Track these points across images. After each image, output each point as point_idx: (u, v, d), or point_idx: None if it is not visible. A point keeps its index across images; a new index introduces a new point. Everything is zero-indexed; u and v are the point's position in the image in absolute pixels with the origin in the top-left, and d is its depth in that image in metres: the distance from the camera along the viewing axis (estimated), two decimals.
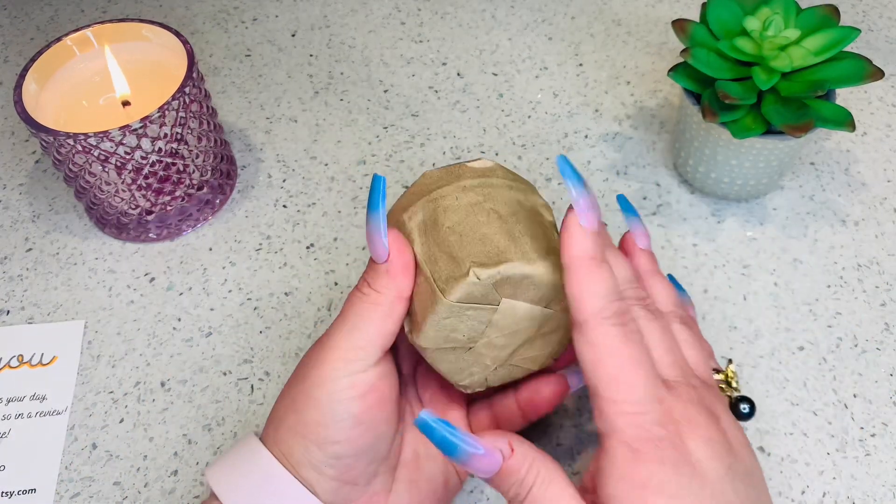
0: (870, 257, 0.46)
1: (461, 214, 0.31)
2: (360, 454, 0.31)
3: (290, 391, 0.31)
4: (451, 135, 0.54)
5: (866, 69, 0.42)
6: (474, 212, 0.31)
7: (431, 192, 0.32)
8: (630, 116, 0.54)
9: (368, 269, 0.31)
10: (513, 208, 0.31)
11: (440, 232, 0.31)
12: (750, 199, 0.49)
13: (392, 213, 0.34)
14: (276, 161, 0.53)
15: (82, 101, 0.46)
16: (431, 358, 0.32)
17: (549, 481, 0.27)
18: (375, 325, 0.30)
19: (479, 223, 0.30)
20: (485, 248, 0.30)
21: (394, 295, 0.30)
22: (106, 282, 0.47)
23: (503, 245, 0.30)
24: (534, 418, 0.35)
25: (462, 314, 0.30)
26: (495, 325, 0.31)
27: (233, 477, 0.31)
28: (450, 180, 0.32)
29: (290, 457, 0.30)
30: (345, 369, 0.30)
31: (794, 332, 0.43)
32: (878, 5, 0.62)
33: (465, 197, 0.31)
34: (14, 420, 0.41)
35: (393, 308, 0.30)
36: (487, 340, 0.31)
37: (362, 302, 0.30)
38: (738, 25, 0.44)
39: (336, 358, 0.30)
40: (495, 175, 0.33)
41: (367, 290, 0.30)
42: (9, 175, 0.53)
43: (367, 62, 0.59)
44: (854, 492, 0.38)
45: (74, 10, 0.64)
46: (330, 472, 0.30)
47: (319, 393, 0.30)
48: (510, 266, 0.29)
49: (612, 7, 0.62)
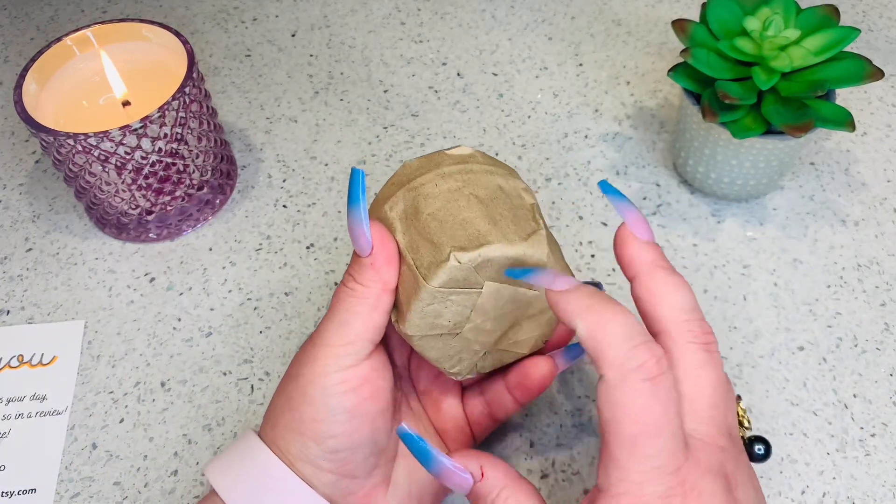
0: (870, 257, 0.46)
1: (441, 201, 0.31)
2: (358, 447, 0.31)
3: (284, 389, 0.32)
4: (451, 135, 0.54)
5: (866, 69, 0.42)
6: (454, 198, 0.31)
7: (411, 180, 0.32)
8: (630, 116, 0.54)
9: (353, 263, 0.31)
10: (493, 193, 0.31)
11: (421, 219, 0.31)
12: (750, 199, 0.49)
13: (374, 205, 0.34)
14: (276, 161, 0.53)
15: (82, 101, 0.46)
16: (419, 346, 0.32)
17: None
18: (363, 318, 0.30)
19: (460, 208, 0.31)
20: (465, 233, 0.30)
21: (379, 287, 0.30)
22: (106, 282, 0.47)
23: (484, 228, 0.30)
24: (525, 402, 0.35)
25: (446, 300, 0.30)
26: (480, 309, 0.31)
27: (232, 473, 0.31)
28: (429, 168, 0.32)
29: (288, 453, 0.31)
30: (336, 364, 0.30)
31: (794, 332, 0.43)
32: (878, 5, 0.62)
33: (444, 184, 0.31)
34: (14, 420, 0.41)
35: (379, 300, 0.30)
36: (474, 325, 0.31)
37: (349, 297, 0.30)
38: (738, 25, 0.44)
39: (327, 354, 0.30)
40: (475, 161, 0.33)
41: (352, 284, 0.30)
42: (9, 175, 0.53)
43: (367, 62, 0.59)
44: (854, 492, 0.38)
45: (74, 10, 0.64)
46: (328, 465, 0.30)
47: (313, 390, 0.30)
48: (491, 248, 0.29)
49: (612, 7, 0.62)
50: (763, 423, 0.40)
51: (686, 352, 0.27)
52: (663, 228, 0.48)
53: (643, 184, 0.50)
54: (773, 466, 0.39)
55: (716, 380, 0.27)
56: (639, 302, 0.29)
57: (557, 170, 0.51)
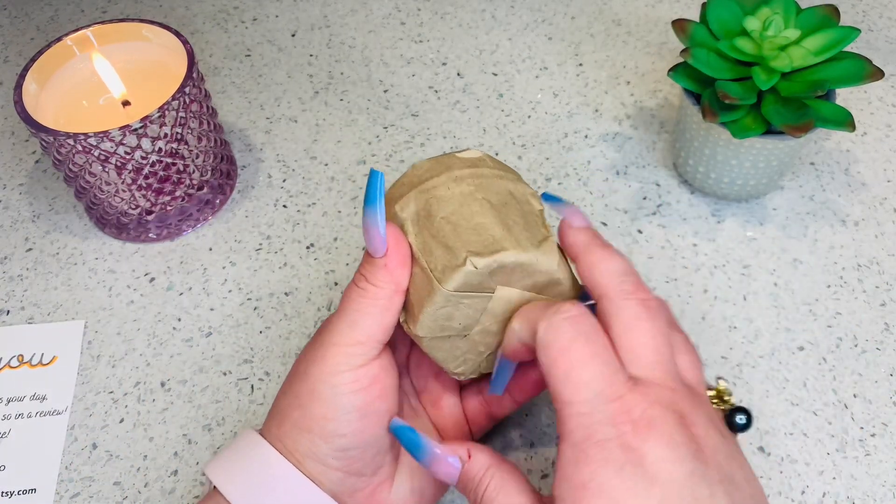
0: (870, 257, 0.46)
1: (455, 204, 0.31)
2: (366, 446, 0.31)
3: (291, 387, 0.32)
4: (451, 135, 0.54)
5: (866, 69, 0.42)
6: (467, 202, 0.31)
7: (423, 182, 0.32)
8: (630, 116, 0.54)
9: (365, 262, 0.31)
10: (504, 198, 0.32)
11: (434, 222, 0.31)
12: (750, 199, 0.49)
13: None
14: (276, 161, 0.53)
15: (82, 101, 0.46)
16: (427, 346, 0.32)
17: (501, 485, 0.28)
18: (375, 319, 0.30)
19: (473, 213, 0.31)
20: (480, 238, 0.30)
21: (392, 289, 0.30)
22: (106, 282, 0.47)
23: (498, 234, 0.30)
24: (523, 401, 0.36)
25: (458, 303, 0.30)
26: (490, 312, 0.31)
27: (234, 471, 0.31)
28: (440, 171, 0.33)
29: (295, 451, 0.31)
30: (347, 363, 0.30)
31: (794, 332, 0.43)
32: (878, 5, 0.62)
33: (457, 187, 0.32)
34: (14, 420, 0.41)
35: (391, 302, 0.30)
36: (482, 328, 0.32)
37: (361, 297, 0.31)
38: (738, 25, 0.44)
39: (337, 353, 0.30)
40: (485, 165, 0.33)
41: (364, 284, 0.31)
42: (9, 175, 0.53)
43: (367, 62, 0.59)
44: (854, 492, 0.38)
45: (74, 10, 0.64)
46: (336, 464, 0.31)
47: (323, 388, 0.30)
48: (506, 255, 0.30)
49: (612, 7, 0.62)
50: (763, 423, 0.40)
51: (622, 308, 0.29)
52: (663, 228, 0.48)
53: (643, 184, 0.50)
54: (773, 466, 0.39)
55: (653, 329, 0.28)
56: (583, 279, 0.31)
57: (557, 170, 0.51)
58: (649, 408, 0.26)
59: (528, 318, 0.29)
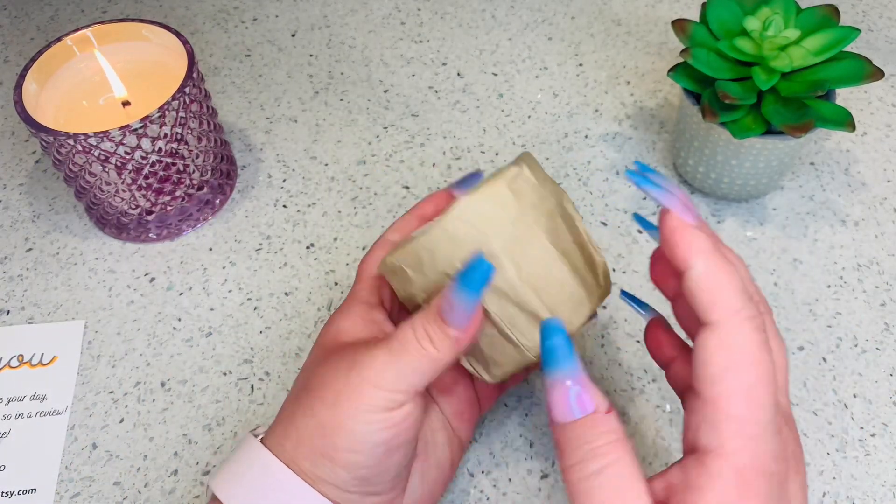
0: (870, 257, 0.46)
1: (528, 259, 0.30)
2: (387, 472, 0.30)
3: (313, 410, 0.30)
4: (451, 135, 0.54)
5: (866, 69, 0.42)
6: (540, 256, 0.31)
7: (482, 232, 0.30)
8: (630, 116, 0.54)
9: (433, 321, 0.29)
10: (564, 236, 0.32)
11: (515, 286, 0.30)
12: (750, 199, 0.49)
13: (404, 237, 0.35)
14: (276, 161, 0.53)
15: (82, 101, 0.46)
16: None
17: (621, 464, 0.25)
18: (426, 376, 0.29)
19: (549, 268, 0.31)
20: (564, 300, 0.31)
21: (452, 357, 0.30)
22: (106, 282, 0.47)
23: (578, 293, 0.31)
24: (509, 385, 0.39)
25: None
26: None
27: (240, 488, 0.30)
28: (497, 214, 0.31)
29: (313, 474, 0.30)
30: (384, 406, 0.29)
31: (794, 332, 0.43)
32: (878, 5, 0.62)
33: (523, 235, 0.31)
34: (14, 420, 0.41)
35: (446, 365, 0.30)
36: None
37: (420, 355, 0.29)
38: (738, 25, 0.44)
39: (376, 395, 0.29)
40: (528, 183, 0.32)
41: (427, 345, 0.29)
42: (9, 175, 0.53)
43: (367, 62, 0.59)
44: (854, 492, 0.38)
45: (74, 10, 0.64)
46: (355, 489, 0.30)
47: (353, 424, 0.29)
48: (587, 313, 0.32)
49: (612, 7, 0.62)
50: None
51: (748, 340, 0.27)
52: None
53: None
54: None
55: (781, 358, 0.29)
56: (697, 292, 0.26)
57: (557, 170, 0.51)
58: (796, 447, 0.26)
59: (711, 282, 0.25)
